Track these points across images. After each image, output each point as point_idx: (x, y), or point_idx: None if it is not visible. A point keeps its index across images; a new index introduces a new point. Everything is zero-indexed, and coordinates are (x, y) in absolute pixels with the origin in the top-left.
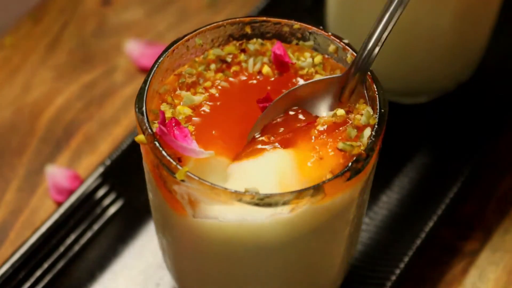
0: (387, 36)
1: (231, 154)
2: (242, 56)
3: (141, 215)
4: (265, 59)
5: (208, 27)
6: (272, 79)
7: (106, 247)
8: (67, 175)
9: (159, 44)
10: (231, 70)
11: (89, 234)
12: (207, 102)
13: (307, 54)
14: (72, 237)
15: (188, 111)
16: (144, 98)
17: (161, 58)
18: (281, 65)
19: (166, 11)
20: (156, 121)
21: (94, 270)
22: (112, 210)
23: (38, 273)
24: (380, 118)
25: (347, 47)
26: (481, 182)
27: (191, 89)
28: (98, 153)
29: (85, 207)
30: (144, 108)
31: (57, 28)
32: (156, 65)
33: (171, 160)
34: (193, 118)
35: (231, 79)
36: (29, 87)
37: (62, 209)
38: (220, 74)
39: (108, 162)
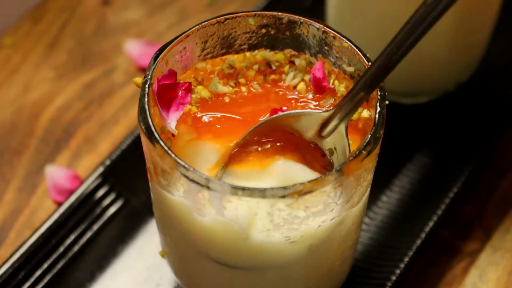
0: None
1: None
2: (287, 68)
3: (141, 215)
4: (306, 77)
5: (267, 12)
6: (302, 95)
7: (106, 247)
8: (67, 175)
9: (159, 44)
10: (271, 77)
11: (89, 234)
12: (232, 95)
13: (344, 84)
14: (72, 237)
15: (205, 93)
16: (166, 48)
17: (210, 20)
18: (318, 87)
19: (166, 11)
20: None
21: (94, 270)
22: (112, 210)
23: (38, 273)
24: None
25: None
26: (481, 182)
27: (224, 79)
28: (98, 153)
29: (85, 207)
30: (159, 57)
31: (57, 28)
32: (200, 24)
33: (146, 107)
34: (208, 103)
35: (265, 85)
36: (29, 87)
37: (62, 209)
38: (260, 77)
39: (108, 162)
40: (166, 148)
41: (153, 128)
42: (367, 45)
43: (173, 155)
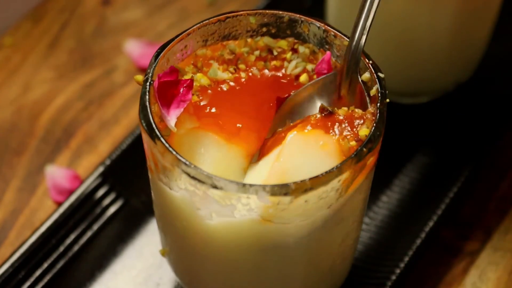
0: (371, 24)
1: (223, 136)
2: (289, 55)
3: (141, 215)
4: (309, 67)
5: (268, 11)
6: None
7: (106, 247)
8: (67, 175)
9: (159, 44)
10: (272, 63)
11: (89, 234)
12: (230, 82)
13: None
14: (72, 237)
15: (205, 81)
16: (167, 46)
17: (211, 19)
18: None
19: (166, 11)
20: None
21: (94, 270)
22: (112, 210)
23: (38, 273)
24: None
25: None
26: (481, 182)
27: (224, 65)
28: (98, 153)
29: (85, 207)
30: (160, 54)
31: (57, 28)
32: (201, 23)
33: (147, 105)
34: (208, 91)
35: (266, 71)
36: (29, 87)
37: (62, 209)
38: (260, 63)
39: (108, 162)
40: (167, 145)
41: (154, 125)
42: (367, 44)
43: (174, 152)
